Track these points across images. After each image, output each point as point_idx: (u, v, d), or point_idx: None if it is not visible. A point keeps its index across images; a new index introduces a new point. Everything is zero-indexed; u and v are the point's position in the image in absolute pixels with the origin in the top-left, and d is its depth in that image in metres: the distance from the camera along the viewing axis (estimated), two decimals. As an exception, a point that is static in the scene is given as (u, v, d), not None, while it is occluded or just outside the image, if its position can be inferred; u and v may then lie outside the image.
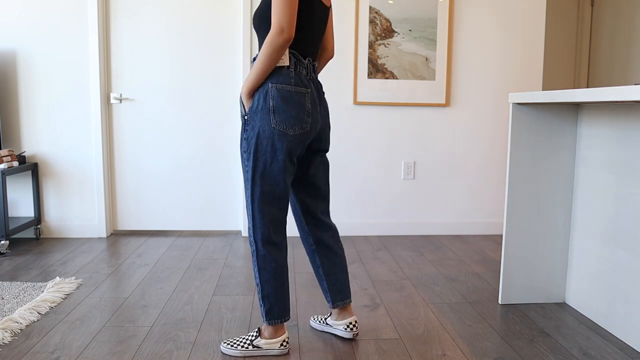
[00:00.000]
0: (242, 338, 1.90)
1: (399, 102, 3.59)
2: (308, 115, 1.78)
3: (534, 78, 3.70)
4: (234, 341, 1.89)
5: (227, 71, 3.58)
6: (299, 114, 1.76)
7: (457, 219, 3.76)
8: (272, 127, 1.74)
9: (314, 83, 1.84)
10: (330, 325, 2.06)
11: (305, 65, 1.80)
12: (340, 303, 2.00)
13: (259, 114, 1.75)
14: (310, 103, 1.79)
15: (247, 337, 1.90)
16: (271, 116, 1.74)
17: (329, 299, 2.00)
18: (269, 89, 1.74)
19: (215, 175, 3.66)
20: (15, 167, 3.21)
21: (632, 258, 1.97)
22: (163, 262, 2.99)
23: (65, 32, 3.41)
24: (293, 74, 1.76)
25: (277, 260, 1.82)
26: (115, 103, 3.56)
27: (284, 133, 1.74)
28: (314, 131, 1.82)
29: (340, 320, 2.02)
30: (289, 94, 1.75)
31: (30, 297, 2.39)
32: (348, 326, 2.00)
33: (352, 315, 2.02)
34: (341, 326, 2.01)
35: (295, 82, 1.76)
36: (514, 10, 3.63)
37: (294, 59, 1.77)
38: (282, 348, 1.88)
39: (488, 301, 2.44)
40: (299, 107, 1.76)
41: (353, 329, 2.00)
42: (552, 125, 2.30)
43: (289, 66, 1.76)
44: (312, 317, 2.15)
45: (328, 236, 1.98)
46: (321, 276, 2.00)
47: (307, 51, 1.81)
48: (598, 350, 1.94)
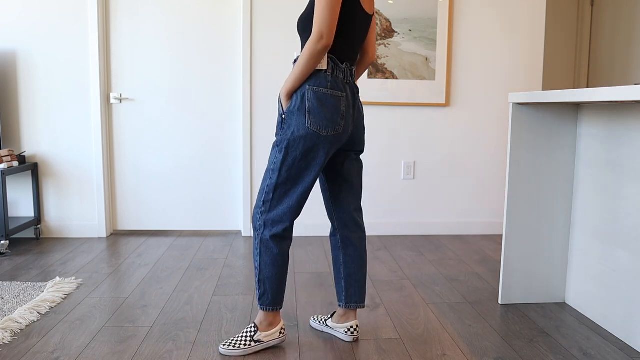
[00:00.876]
0: (240, 337, 1.90)
1: (399, 102, 3.59)
2: (342, 118, 1.83)
3: (534, 78, 3.70)
4: (233, 341, 1.89)
5: (227, 71, 3.58)
6: (333, 117, 1.81)
7: (457, 219, 3.76)
8: (307, 127, 1.80)
9: (350, 87, 1.89)
10: (331, 327, 2.06)
11: (343, 69, 1.85)
12: (354, 305, 2.00)
13: (295, 114, 1.81)
14: (345, 106, 1.84)
15: (245, 335, 1.91)
16: (306, 117, 1.80)
17: (343, 299, 2.01)
18: (306, 91, 1.81)
19: (216, 175, 3.66)
20: (15, 167, 3.21)
21: (632, 258, 1.97)
22: (163, 262, 2.99)
23: (65, 32, 3.41)
24: (330, 78, 1.82)
25: (280, 248, 1.85)
26: (115, 103, 3.56)
27: (317, 134, 1.80)
28: (346, 134, 1.86)
29: (342, 323, 2.02)
30: (325, 96, 1.81)
31: (30, 297, 2.39)
32: (349, 330, 2.00)
33: (354, 319, 2.02)
34: (342, 329, 2.02)
35: (331, 86, 1.82)
36: (514, 10, 3.63)
37: (331, 64, 1.82)
38: (282, 336, 1.94)
39: (488, 301, 2.44)
40: (333, 109, 1.81)
41: (354, 333, 2.00)
42: (552, 125, 2.30)
43: (326, 70, 1.82)
44: (312, 317, 2.15)
45: (356, 237, 2.00)
46: (340, 275, 2.02)
47: (346, 56, 1.86)
48: (598, 350, 1.94)
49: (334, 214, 2.01)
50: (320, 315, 2.15)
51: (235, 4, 3.53)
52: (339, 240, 2.01)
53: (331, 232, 2.05)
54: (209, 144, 3.63)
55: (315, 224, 3.65)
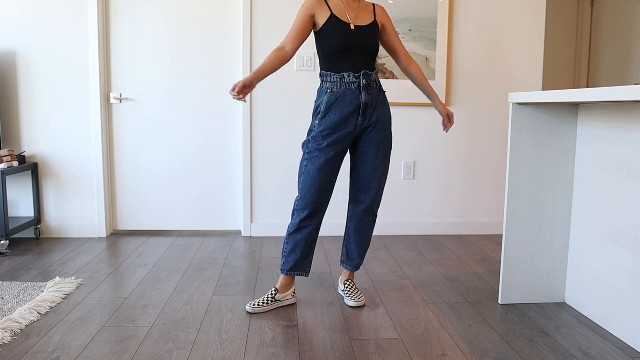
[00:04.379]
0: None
1: (399, 102, 3.59)
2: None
3: (534, 78, 3.71)
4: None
5: (227, 71, 3.58)
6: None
7: (457, 219, 3.76)
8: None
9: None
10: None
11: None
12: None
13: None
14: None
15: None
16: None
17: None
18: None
19: (216, 175, 3.66)
20: (15, 167, 3.21)
21: (631, 258, 1.97)
22: (163, 262, 2.99)
23: (66, 32, 3.41)
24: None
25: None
26: (115, 103, 3.56)
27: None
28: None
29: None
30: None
31: (30, 297, 2.39)
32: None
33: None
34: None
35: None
36: (514, 10, 3.63)
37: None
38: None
39: (488, 301, 2.44)
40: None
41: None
42: (552, 125, 2.30)
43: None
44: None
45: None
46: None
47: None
48: (598, 350, 1.94)
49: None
50: None
51: (235, 4, 3.53)
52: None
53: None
54: (209, 144, 3.63)
55: (315, 224, 3.65)
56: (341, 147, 2.23)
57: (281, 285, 2.35)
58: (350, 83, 2.20)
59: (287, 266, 2.32)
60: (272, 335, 2.04)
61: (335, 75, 2.21)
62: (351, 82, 2.20)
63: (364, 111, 2.22)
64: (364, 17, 2.26)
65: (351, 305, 2.34)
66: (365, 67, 2.23)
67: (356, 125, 2.23)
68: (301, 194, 2.25)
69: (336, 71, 2.21)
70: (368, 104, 2.22)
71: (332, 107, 2.20)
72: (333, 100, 2.21)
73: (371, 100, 2.23)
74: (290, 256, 2.31)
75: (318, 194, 2.24)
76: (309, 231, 2.28)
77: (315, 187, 2.23)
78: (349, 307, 2.34)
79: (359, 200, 2.35)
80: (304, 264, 2.34)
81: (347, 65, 2.20)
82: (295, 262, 2.31)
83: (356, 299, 2.35)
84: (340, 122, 2.20)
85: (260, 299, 2.31)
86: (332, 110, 2.20)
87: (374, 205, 2.35)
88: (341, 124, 2.20)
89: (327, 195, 2.26)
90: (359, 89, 2.20)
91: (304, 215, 2.25)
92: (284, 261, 2.33)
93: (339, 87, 2.21)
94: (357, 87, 2.20)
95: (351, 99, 2.20)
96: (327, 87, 2.23)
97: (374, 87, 2.25)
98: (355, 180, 2.34)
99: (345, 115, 2.20)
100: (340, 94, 2.20)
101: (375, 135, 2.27)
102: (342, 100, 2.20)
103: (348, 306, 2.35)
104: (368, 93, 2.22)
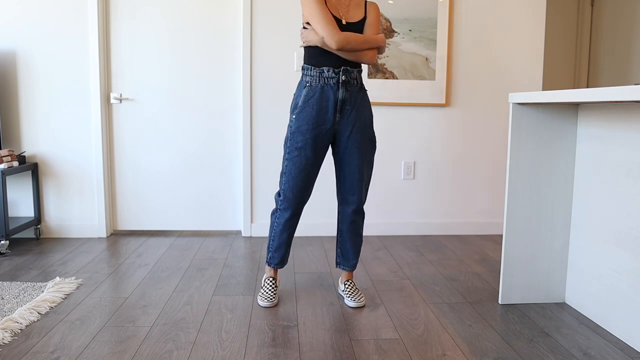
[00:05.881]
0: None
1: (399, 102, 3.59)
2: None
3: (534, 78, 3.71)
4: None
5: (227, 71, 3.58)
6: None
7: (457, 219, 3.76)
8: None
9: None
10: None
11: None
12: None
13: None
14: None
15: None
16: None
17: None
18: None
19: (216, 175, 3.66)
20: (15, 167, 3.21)
21: (632, 258, 1.97)
22: (163, 262, 2.99)
23: (66, 32, 3.41)
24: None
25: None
26: (115, 103, 3.56)
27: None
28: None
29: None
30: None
31: (30, 297, 2.39)
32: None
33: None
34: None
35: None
36: (514, 10, 3.63)
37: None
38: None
39: (488, 301, 2.44)
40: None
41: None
42: (552, 125, 2.30)
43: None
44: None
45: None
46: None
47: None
48: (598, 350, 1.94)
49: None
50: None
51: (235, 4, 3.53)
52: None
53: None
54: (209, 143, 3.63)
55: (315, 224, 3.65)
56: (320, 145, 2.25)
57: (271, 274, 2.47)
58: (329, 78, 2.20)
59: (274, 260, 2.43)
60: (272, 335, 2.04)
61: (315, 69, 2.22)
62: (330, 77, 2.20)
63: (341, 108, 2.22)
64: (355, 13, 2.25)
65: (351, 306, 2.34)
66: (347, 63, 2.22)
67: (333, 121, 2.23)
68: (284, 193, 2.30)
69: (317, 65, 2.22)
70: (346, 100, 2.22)
71: (309, 102, 2.22)
72: (311, 94, 2.22)
73: (349, 97, 2.23)
74: (277, 252, 2.41)
75: (300, 193, 2.29)
76: (293, 229, 2.39)
77: (297, 187, 2.27)
78: (349, 307, 2.34)
79: (348, 202, 2.34)
80: (286, 257, 2.45)
81: (329, 60, 2.21)
82: (281, 258, 2.42)
83: (356, 299, 2.35)
84: (317, 117, 2.21)
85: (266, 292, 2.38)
86: (309, 105, 2.22)
87: (363, 204, 2.37)
88: (317, 119, 2.21)
89: (308, 192, 2.32)
90: (338, 84, 2.20)
91: (288, 215, 2.33)
92: (271, 255, 2.43)
93: (318, 81, 2.21)
94: (335, 82, 2.20)
95: (328, 95, 2.21)
96: (306, 80, 2.24)
97: (354, 84, 2.24)
98: (342, 182, 2.33)
99: (322, 110, 2.21)
100: (318, 88, 2.21)
101: (357, 135, 2.26)
102: (320, 95, 2.21)
103: (348, 306, 2.35)
104: (346, 89, 2.22)
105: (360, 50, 2.20)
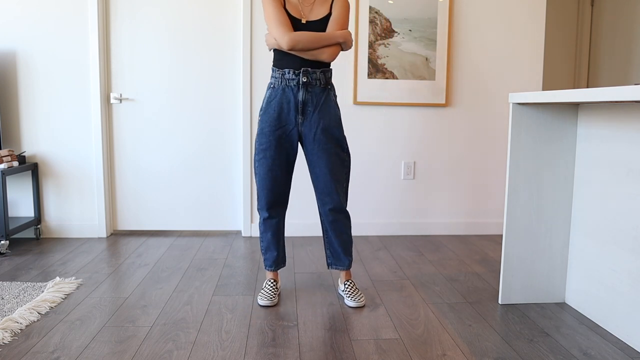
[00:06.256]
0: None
1: (399, 102, 3.59)
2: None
3: (534, 78, 3.70)
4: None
5: (227, 71, 3.58)
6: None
7: (457, 219, 3.76)
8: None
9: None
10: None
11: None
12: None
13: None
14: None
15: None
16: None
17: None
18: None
19: (216, 175, 3.66)
20: (15, 167, 3.21)
21: (631, 258, 1.97)
22: (163, 262, 2.99)
23: (66, 32, 3.41)
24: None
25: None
26: (115, 103, 3.56)
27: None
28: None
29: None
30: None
31: (30, 297, 2.39)
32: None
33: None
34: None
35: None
36: (514, 10, 3.63)
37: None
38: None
39: (488, 301, 2.44)
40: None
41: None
42: (552, 125, 2.30)
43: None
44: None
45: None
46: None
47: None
48: (598, 350, 1.94)
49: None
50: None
51: (235, 4, 3.53)
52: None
53: None
54: (209, 143, 3.63)
55: (315, 224, 3.65)
56: (285, 146, 2.27)
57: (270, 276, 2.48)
58: (290, 80, 2.22)
59: (268, 262, 2.45)
60: (272, 335, 2.04)
61: (278, 71, 2.24)
62: (291, 78, 2.22)
63: (303, 109, 2.24)
64: (319, 11, 2.24)
65: (351, 306, 2.34)
66: (308, 64, 2.22)
67: (296, 122, 2.25)
68: (258, 193, 2.35)
69: (280, 67, 2.24)
70: (307, 101, 2.23)
71: (270, 103, 2.25)
72: (273, 96, 2.25)
73: (311, 98, 2.23)
74: (267, 253, 2.44)
75: (271, 192, 2.31)
76: (275, 228, 2.39)
77: (267, 187, 2.30)
78: (349, 307, 2.34)
79: (323, 202, 2.34)
80: (279, 259, 2.45)
81: (291, 61, 2.22)
82: (273, 259, 2.44)
83: (356, 299, 2.35)
84: (278, 118, 2.24)
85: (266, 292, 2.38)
86: (272, 106, 2.25)
87: (341, 203, 2.33)
88: (279, 120, 2.24)
89: (282, 192, 2.33)
90: (298, 85, 2.21)
91: (265, 215, 2.37)
92: (264, 258, 2.46)
93: (280, 83, 2.24)
94: (296, 84, 2.22)
95: (289, 96, 2.23)
96: (271, 82, 2.28)
97: (317, 84, 2.24)
98: (315, 184, 2.34)
99: (283, 111, 2.23)
100: (279, 90, 2.24)
101: (322, 136, 2.25)
102: (281, 97, 2.23)
103: (348, 306, 2.35)
104: (307, 91, 2.23)
105: (314, 49, 2.17)
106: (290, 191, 3.64)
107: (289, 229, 3.65)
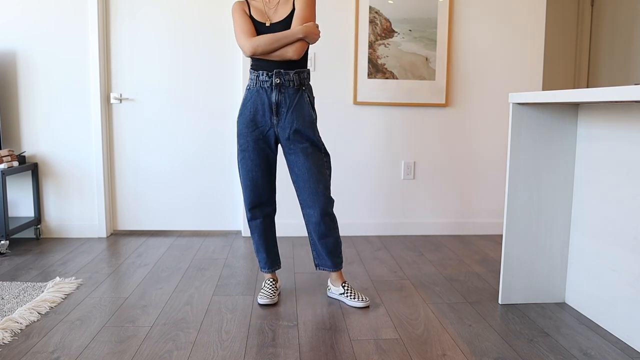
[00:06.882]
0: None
1: (399, 102, 3.59)
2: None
3: (534, 78, 3.71)
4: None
5: (227, 71, 3.58)
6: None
7: (457, 219, 3.76)
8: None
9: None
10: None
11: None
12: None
13: None
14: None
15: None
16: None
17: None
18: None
19: (216, 175, 3.66)
20: (15, 167, 3.21)
21: (631, 258, 1.97)
22: (163, 262, 2.99)
23: (66, 32, 3.41)
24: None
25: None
26: (115, 103, 3.56)
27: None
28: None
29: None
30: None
31: (30, 297, 2.39)
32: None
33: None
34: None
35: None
36: (514, 10, 3.63)
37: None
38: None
39: (488, 301, 2.44)
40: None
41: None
42: (552, 125, 2.30)
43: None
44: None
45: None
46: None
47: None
48: (598, 350, 1.94)
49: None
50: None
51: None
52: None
53: None
54: (209, 143, 3.63)
55: (315, 224, 3.65)
56: (262, 146, 2.29)
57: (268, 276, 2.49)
58: (263, 81, 2.25)
59: (260, 264, 2.47)
60: (272, 335, 2.04)
61: (253, 73, 2.27)
62: (264, 80, 2.24)
63: (277, 110, 2.25)
64: (282, 11, 2.24)
65: (359, 306, 2.33)
66: (282, 65, 2.23)
67: (271, 124, 2.27)
68: (242, 194, 2.38)
69: (255, 69, 2.27)
70: (280, 102, 2.24)
71: (246, 105, 2.29)
72: (249, 98, 2.28)
73: (284, 99, 2.24)
74: (258, 254, 2.46)
75: (253, 193, 2.33)
76: (260, 229, 2.40)
77: (249, 188, 2.33)
78: (351, 307, 2.34)
79: (306, 204, 2.30)
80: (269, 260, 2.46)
81: (265, 64, 2.24)
82: (264, 261, 2.45)
83: (361, 299, 2.34)
84: (253, 119, 2.26)
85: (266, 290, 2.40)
86: (247, 108, 2.28)
87: (325, 206, 2.27)
88: (254, 122, 2.27)
89: (265, 192, 2.35)
90: (271, 87, 2.23)
91: (250, 215, 2.39)
92: (258, 259, 2.48)
93: (255, 84, 2.27)
94: (269, 85, 2.24)
95: (263, 98, 2.25)
96: (248, 84, 2.31)
97: (290, 86, 2.25)
98: (295, 186, 2.33)
99: (258, 113, 2.26)
100: (254, 91, 2.26)
101: (296, 136, 2.26)
102: (256, 98, 2.26)
103: (354, 307, 2.34)
104: (280, 92, 2.24)
105: (275, 49, 2.18)
106: (286, 193, 3.63)
107: (289, 229, 3.65)
